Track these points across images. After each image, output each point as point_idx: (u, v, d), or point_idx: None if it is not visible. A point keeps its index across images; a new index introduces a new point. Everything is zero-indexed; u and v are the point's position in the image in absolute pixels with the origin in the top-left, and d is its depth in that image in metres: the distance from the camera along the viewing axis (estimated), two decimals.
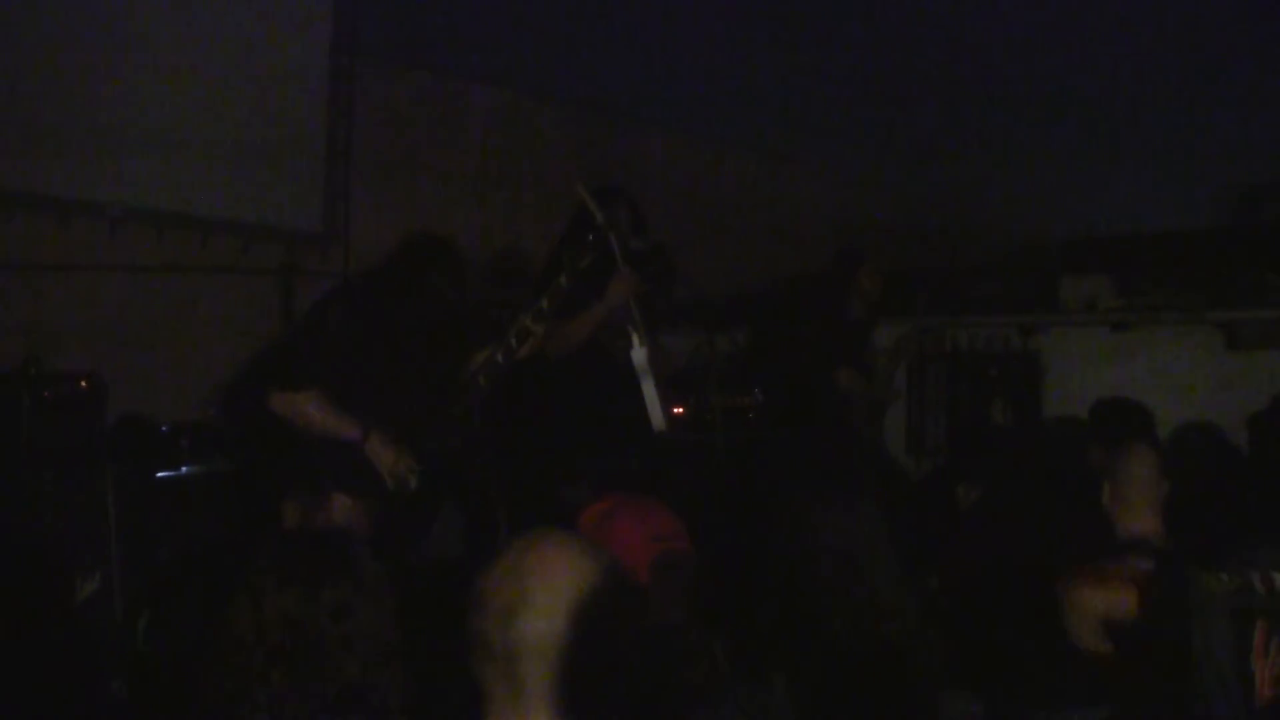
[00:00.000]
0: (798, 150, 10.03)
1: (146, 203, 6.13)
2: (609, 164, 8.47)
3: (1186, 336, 7.44)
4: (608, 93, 8.56)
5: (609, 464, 4.69)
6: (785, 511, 3.21)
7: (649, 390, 4.93)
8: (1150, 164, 9.11)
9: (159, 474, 5.22)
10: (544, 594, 1.88)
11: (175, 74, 6.16)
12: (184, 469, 5.28)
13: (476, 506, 5.06)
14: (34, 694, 3.84)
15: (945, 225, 10.51)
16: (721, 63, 8.92)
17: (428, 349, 4.36)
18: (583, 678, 1.86)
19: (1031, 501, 4.58)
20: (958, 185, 10.37)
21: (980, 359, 7.81)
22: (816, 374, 6.37)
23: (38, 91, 5.68)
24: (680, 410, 5.52)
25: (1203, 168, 9.20)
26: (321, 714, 2.27)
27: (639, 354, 4.94)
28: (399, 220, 6.86)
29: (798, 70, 9.25)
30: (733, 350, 6.10)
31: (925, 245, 10.16)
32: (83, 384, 5.14)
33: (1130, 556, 3.65)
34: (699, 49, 8.87)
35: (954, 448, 7.70)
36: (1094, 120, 9.44)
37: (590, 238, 4.43)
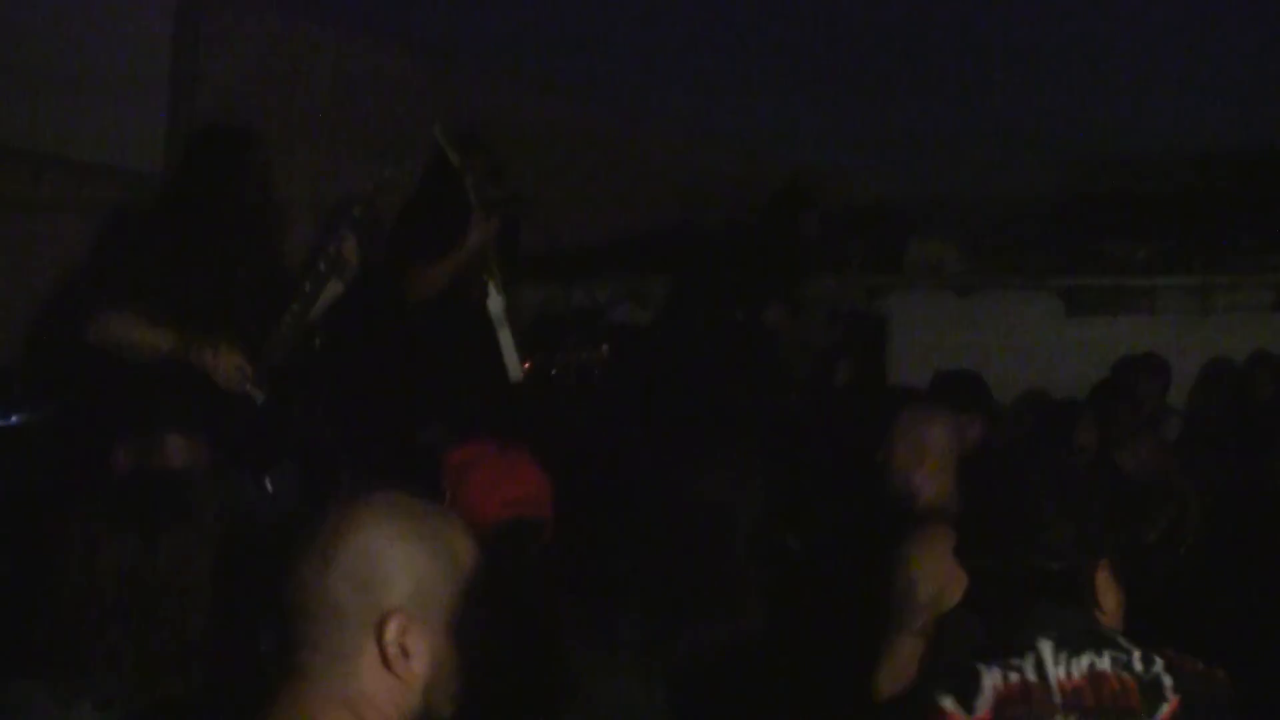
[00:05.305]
0: (652, 106, 10.00)
1: None
2: (462, 112, 8.33)
3: (1029, 303, 7.61)
4: (462, 39, 8.43)
5: (465, 409, 4.63)
6: (633, 471, 3.16)
7: (506, 340, 4.90)
8: (997, 131, 9.28)
9: None
10: (355, 553, 1.77)
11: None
12: (13, 418, 5.02)
13: (318, 459, 4.94)
14: None
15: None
16: (580, 13, 8.85)
17: (246, 252, 4.25)
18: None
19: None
20: (807, 143, 10.44)
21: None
22: (743, 309, 6.33)
23: None
24: (528, 364, 5.47)
25: (1048, 138, 9.41)
26: (162, 667, 2.19)
27: (496, 303, 4.90)
28: None
29: (655, 25, 9.23)
30: (587, 303, 6.02)
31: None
32: None
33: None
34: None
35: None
36: (948, 86, 9.58)
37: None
